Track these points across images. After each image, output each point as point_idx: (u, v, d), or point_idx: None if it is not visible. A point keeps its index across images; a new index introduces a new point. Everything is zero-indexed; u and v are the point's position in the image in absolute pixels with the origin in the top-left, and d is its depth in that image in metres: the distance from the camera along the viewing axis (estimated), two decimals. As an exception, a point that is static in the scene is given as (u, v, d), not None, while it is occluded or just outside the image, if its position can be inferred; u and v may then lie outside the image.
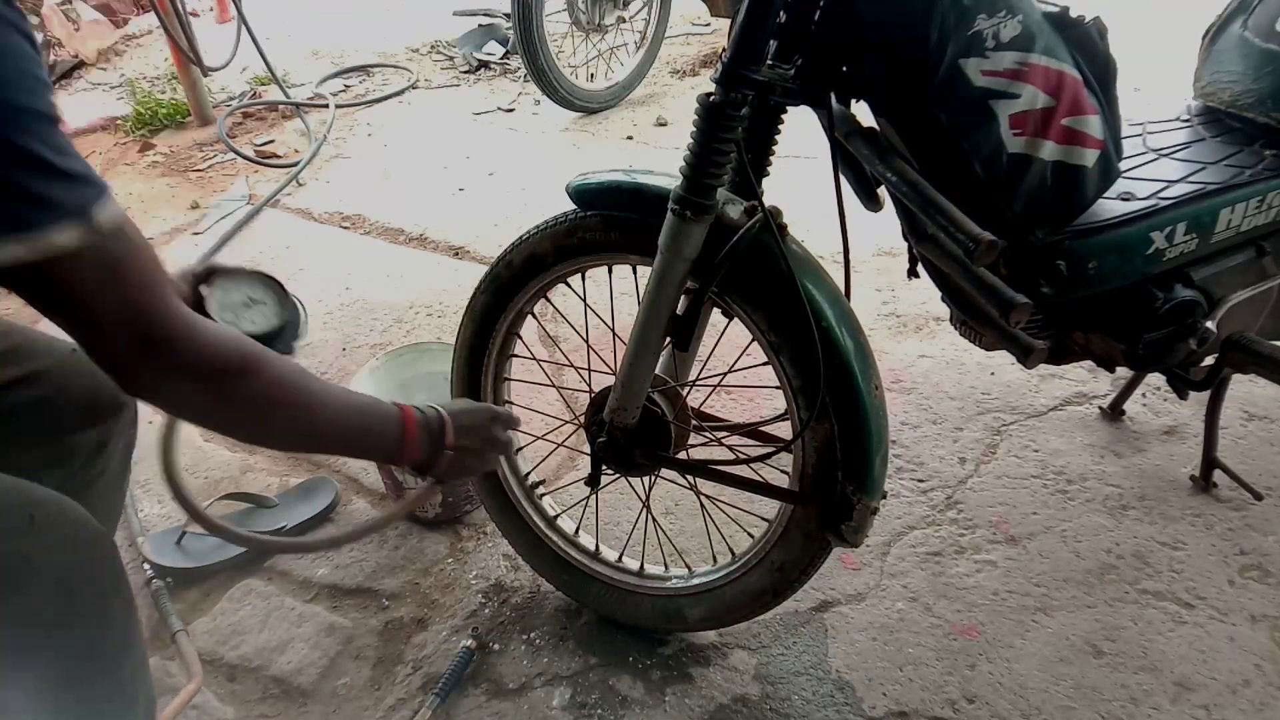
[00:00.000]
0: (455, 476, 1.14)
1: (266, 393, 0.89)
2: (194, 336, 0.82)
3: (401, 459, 1.05)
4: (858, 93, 1.15)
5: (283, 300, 1.16)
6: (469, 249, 2.75)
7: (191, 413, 0.91)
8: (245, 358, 0.86)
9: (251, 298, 1.14)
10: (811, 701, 1.41)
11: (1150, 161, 1.39)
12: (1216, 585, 1.57)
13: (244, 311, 1.12)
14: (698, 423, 1.36)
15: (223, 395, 0.86)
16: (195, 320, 0.83)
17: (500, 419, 1.16)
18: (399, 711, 1.41)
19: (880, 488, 1.18)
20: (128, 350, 0.78)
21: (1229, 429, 1.87)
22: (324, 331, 2.39)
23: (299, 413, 0.93)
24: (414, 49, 4.45)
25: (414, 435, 1.04)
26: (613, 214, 1.23)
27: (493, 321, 1.40)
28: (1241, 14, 1.45)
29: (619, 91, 3.74)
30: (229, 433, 0.99)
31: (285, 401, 0.92)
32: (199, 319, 0.84)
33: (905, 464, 1.85)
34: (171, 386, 0.84)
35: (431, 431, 1.07)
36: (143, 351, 0.79)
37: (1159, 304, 1.29)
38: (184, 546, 1.66)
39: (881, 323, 2.30)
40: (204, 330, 0.83)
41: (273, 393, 0.89)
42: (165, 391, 0.86)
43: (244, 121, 3.74)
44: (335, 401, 0.99)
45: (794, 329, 1.13)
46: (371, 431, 1.02)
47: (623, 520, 1.72)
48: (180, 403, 0.89)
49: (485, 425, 1.13)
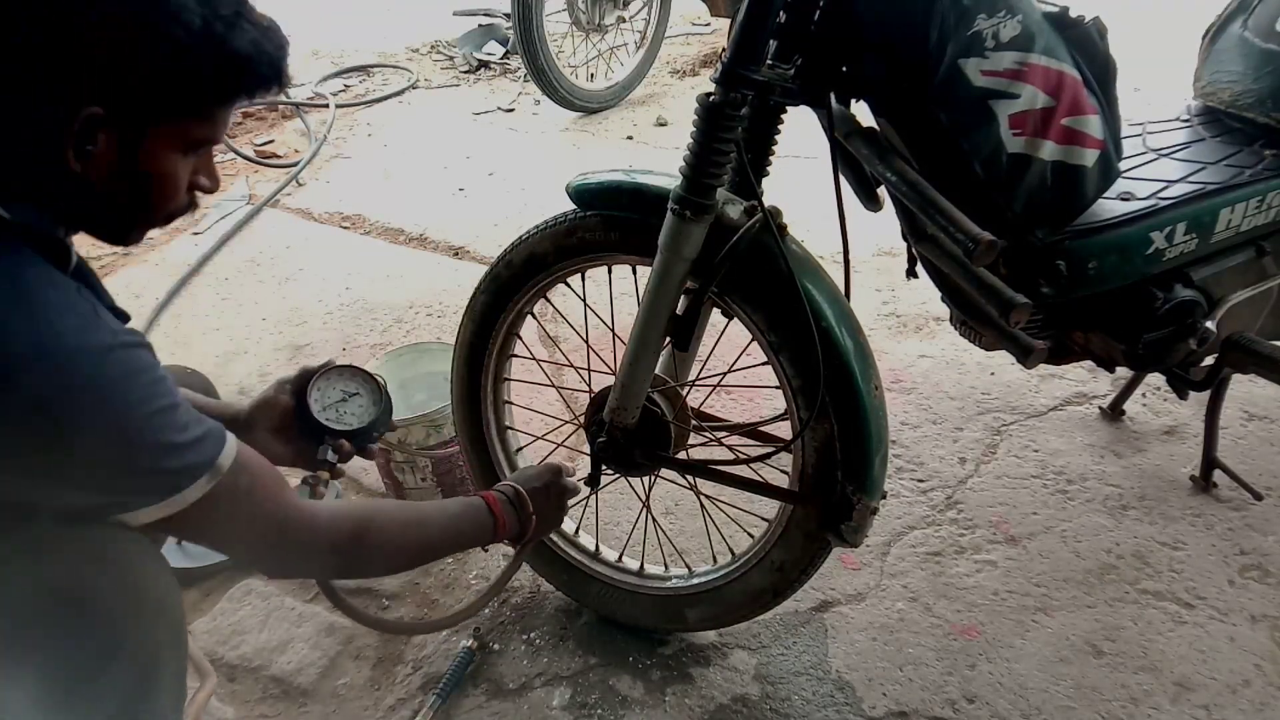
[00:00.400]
0: (542, 534, 1.34)
1: (383, 540, 1.10)
2: (316, 524, 1.01)
3: (500, 538, 1.24)
4: (857, 93, 1.15)
5: (375, 387, 1.28)
6: (469, 249, 2.75)
7: (331, 575, 1.21)
8: (358, 520, 1.07)
9: (346, 391, 1.27)
10: (811, 701, 1.41)
11: (1150, 161, 1.39)
12: (1216, 585, 1.57)
13: (343, 408, 1.26)
14: (697, 423, 1.36)
15: (350, 556, 1.06)
16: (310, 508, 1.02)
17: (563, 471, 1.35)
18: (399, 711, 1.41)
19: (880, 488, 1.18)
20: (267, 553, 1.00)
21: (1229, 429, 1.87)
22: (324, 331, 2.39)
23: (410, 542, 1.14)
24: (414, 49, 4.45)
25: (503, 517, 1.23)
26: (612, 214, 1.23)
27: (493, 321, 1.40)
28: (1241, 14, 1.45)
29: (619, 91, 3.74)
30: (364, 576, 1.38)
31: (399, 540, 1.13)
32: (313, 506, 1.04)
33: (905, 464, 1.85)
34: (309, 566, 1.11)
35: (515, 507, 1.26)
36: (280, 550, 1.00)
37: (1159, 304, 1.29)
38: (184, 547, 1.66)
39: (881, 323, 2.30)
40: (320, 513, 1.03)
41: (387, 537, 1.10)
42: (305, 570, 1.12)
43: (244, 121, 3.74)
44: (436, 518, 1.20)
45: (794, 329, 1.13)
46: (471, 530, 1.22)
47: (623, 520, 1.72)
48: (319, 573, 1.18)
49: (554, 482, 1.33)
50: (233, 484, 0.90)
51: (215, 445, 0.90)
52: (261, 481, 0.96)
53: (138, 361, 0.84)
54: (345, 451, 1.25)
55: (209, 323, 2.47)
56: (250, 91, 0.88)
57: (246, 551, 1.01)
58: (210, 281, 2.67)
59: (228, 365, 2.28)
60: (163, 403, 0.85)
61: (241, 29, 0.85)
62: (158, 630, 0.95)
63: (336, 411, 1.24)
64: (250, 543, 0.98)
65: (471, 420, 1.50)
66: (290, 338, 2.37)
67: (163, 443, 0.84)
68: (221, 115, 0.90)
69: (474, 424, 1.50)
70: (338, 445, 1.24)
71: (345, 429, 1.23)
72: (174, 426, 0.85)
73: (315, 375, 1.25)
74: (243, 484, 0.92)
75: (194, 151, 0.91)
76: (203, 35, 0.82)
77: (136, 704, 0.94)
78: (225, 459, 0.89)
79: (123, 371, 0.82)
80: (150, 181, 0.88)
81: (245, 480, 0.92)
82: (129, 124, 0.84)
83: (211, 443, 0.89)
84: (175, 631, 0.99)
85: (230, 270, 2.71)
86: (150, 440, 0.83)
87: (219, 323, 2.46)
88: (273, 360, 2.29)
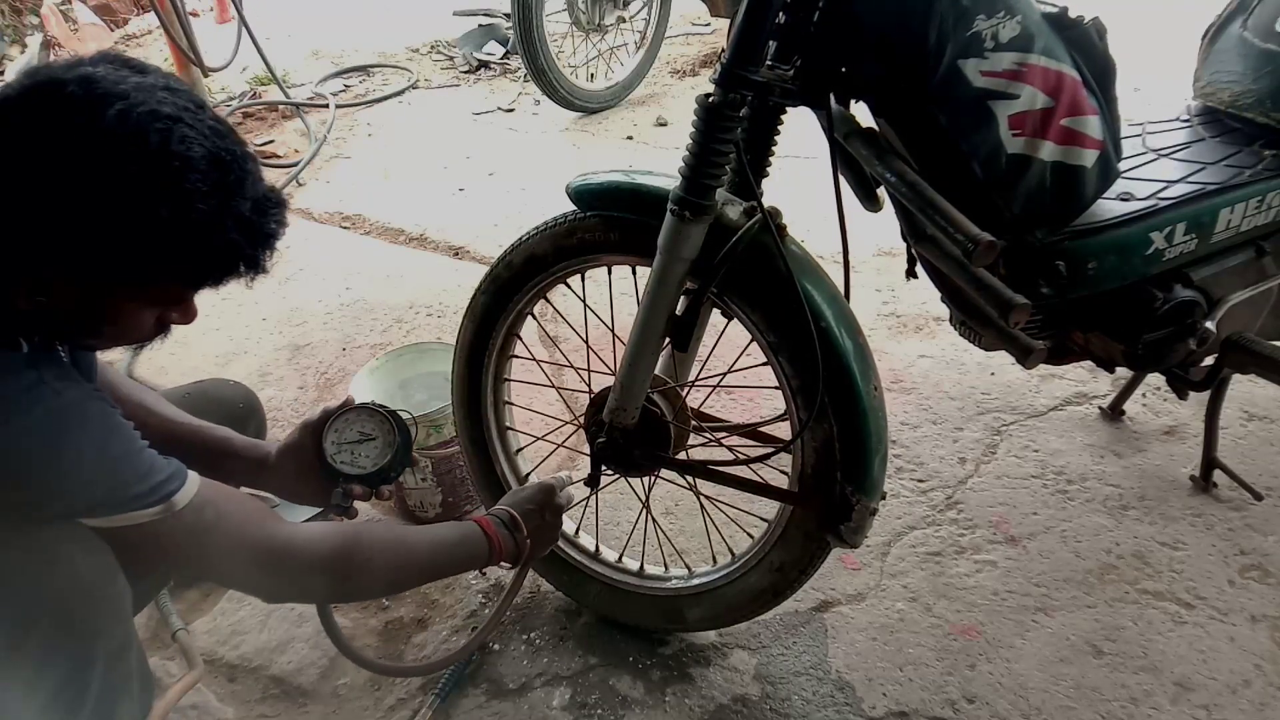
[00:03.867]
0: (538, 554, 1.35)
1: (368, 561, 1.10)
2: (294, 547, 1.04)
3: (496, 562, 1.25)
4: (857, 93, 1.15)
5: (392, 428, 1.29)
6: (469, 249, 2.75)
7: (323, 598, 1.24)
8: (340, 543, 1.08)
9: (363, 432, 1.28)
10: (811, 701, 1.41)
11: (1150, 161, 1.39)
12: (1216, 585, 1.57)
13: (358, 449, 1.27)
14: (697, 423, 1.36)
15: (335, 576, 1.08)
16: (290, 533, 1.05)
17: (555, 490, 1.35)
18: (399, 711, 1.41)
19: (879, 488, 1.18)
20: (252, 579, 1.05)
21: (1229, 429, 1.87)
22: (324, 331, 2.39)
23: (397, 562, 1.15)
24: (414, 49, 4.45)
25: (498, 540, 1.24)
26: (612, 215, 1.23)
27: (493, 322, 1.40)
28: (1241, 14, 1.45)
29: (619, 91, 3.74)
30: (355, 599, 1.42)
31: (385, 561, 1.13)
32: (294, 530, 1.06)
33: (905, 464, 1.85)
34: (295, 589, 1.12)
35: (510, 530, 1.27)
36: (263, 575, 1.04)
37: (1159, 304, 1.29)
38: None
39: (881, 323, 2.30)
40: (298, 536, 1.06)
41: (372, 558, 1.11)
42: (294, 593, 1.14)
43: (244, 121, 3.74)
44: (423, 539, 1.21)
45: (793, 329, 1.13)
46: (466, 554, 1.23)
47: (623, 520, 1.72)
48: (310, 596, 1.20)
49: (548, 502, 1.33)
50: (194, 520, 0.97)
51: (175, 487, 0.96)
52: (234, 514, 1.02)
53: (110, 421, 0.95)
54: (356, 495, 1.26)
55: (209, 323, 2.47)
56: (219, 282, 0.94)
57: (233, 579, 1.10)
58: (210, 282, 2.66)
59: (228, 365, 2.28)
60: (128, 447, 0.95)
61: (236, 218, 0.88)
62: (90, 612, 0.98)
63: (352, 453, 1.25)
64: (233, 571, 1.04)
65: (472, 420, 1.50)
66: (290, 338, 2.37)
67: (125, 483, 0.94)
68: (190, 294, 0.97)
69: (474, 424, 1.50)
70: (348, 489, 1.25)
71: (359, 472, 1.24)
72: (135, 470, 0.95)
73: (333, 416, 1.26)
74: (208, 519, 0.98)
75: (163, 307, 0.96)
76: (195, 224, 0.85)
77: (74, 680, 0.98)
78: (182, 500, 0.96)
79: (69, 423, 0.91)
80: (109, 326, 0.94)
81: (211, 516, 0.99)
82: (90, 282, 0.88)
83: (171, 486, 0.96)
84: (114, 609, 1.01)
85: (230, 270, 2.71)
86: (116, 490, 0.93)
87: (219, 323, 2.46)
88: (273, 360, 2.29)
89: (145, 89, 0.83)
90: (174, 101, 0.84)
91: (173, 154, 0.82)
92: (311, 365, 2.26)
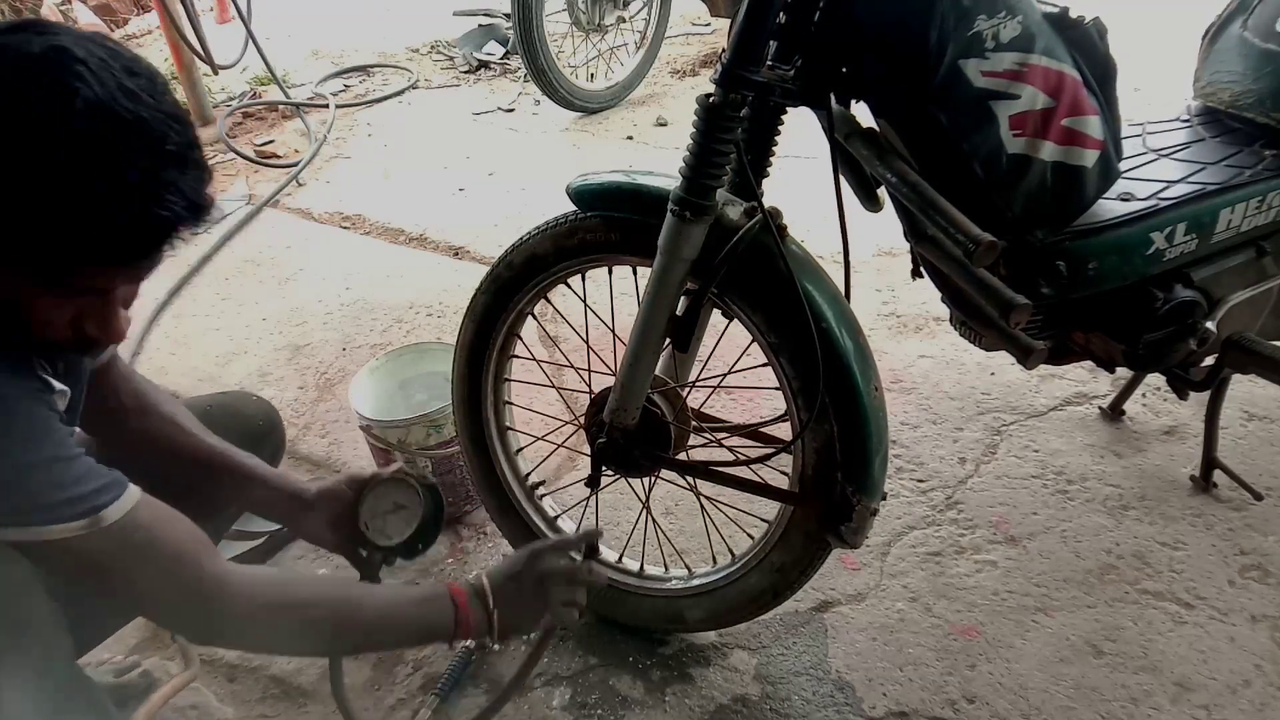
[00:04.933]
0: (521, 628, 1.18)
1: (306, 614, 1.02)
2: (225, 590, 0.96)
3: (464, 637, 1.09)
4: (857, 94, 1.15)
5: (417, 501, 1.26)
6: (469, 249, 2.75)
7: (251, 647, 1.19)
8: (275, 594, 1.01)
9: (398, 503, 1.26)
10: (811, 702, 1.41)
11: (1150, 162, 1.39)
12: (1216, 585, 1.57)
13: (390, 518, 1.26)
14: (697, 423, 1.36)
15: (267, 627, 1.00)
16: (223, 573, 0.98)
17: (542, 554, 1.14)
18: (399, 711, 1.41)
19: (880, 488, 1.18)
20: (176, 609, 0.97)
21: (1229, 429, 1.87)
22: (324, 331, 2.39)
23: (341, 618, 1.05)
24: (414, 49, 4.44)
25: (467, 611, 1.08)
26: (613, 215, 1.23)
27: (493, 322, 1.40)
28: (1241, 14, 1.45)
29: (619, 91, 3.74)
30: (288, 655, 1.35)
31: (325, 616, 1.04)
32: (228, 570, 0.99)
33: (905, 464, 1.85)
34: (223, 632, 1.01)
35: (482, 600, 1.10)
36: (189, 607, 0.96)
37: (1159, 304, 1.29)
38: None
39: (881, 323, 2.30)
40: (231, 578, 0.98)
41: (311, 612, 1.02)
42: (219, 637, 1.06)
43: (244, 121, 3.74)
44: (379, 601, 1.10)
45: (793, 330, 1.13)
46: (423, 621, 1.08)
47: (623, 521, 1.72)
48: (237, 642, 1.11)
49: (530, 569, 1.13)
50: (123, 539, 0.90)
51: (106, 501, 0.90)
52: (168, 539, 0.94)
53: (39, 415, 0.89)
54: (376, 562, 1.26)
55: (209, 323, 2.47)
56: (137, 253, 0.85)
57: (158, 613, 1.02)
58: (210, 281, 2.67)
59: (228, 365, 2.28)
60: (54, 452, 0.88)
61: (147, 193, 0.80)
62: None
63: (383, 521, 1.26)
64: (158, 602, 0.97)
65: (472, 420, 1.50)
66: (290, 338, 2.37)
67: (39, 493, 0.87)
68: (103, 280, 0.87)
69: (474, 424, 1.50)
70: (370, 557, 1.26)
71: (385, 543, 1.25)
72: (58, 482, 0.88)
73: (380, 481, 1.25)
74: (138, 540, 0.92)
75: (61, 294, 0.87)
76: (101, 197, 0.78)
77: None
78: (112, 516, 0.90)
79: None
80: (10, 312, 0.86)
81: (143, 538, 0.92)
82: None
83: (102, 498, 0.90)
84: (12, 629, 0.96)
85: (230, 270, 2.71)
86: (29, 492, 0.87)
87: (219, 323, 2.46)
88: (273, 360, 2.29)
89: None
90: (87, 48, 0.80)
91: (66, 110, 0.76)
92: (311, 365, 2.26)
